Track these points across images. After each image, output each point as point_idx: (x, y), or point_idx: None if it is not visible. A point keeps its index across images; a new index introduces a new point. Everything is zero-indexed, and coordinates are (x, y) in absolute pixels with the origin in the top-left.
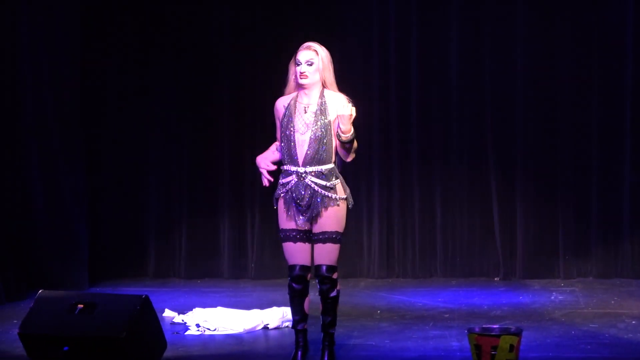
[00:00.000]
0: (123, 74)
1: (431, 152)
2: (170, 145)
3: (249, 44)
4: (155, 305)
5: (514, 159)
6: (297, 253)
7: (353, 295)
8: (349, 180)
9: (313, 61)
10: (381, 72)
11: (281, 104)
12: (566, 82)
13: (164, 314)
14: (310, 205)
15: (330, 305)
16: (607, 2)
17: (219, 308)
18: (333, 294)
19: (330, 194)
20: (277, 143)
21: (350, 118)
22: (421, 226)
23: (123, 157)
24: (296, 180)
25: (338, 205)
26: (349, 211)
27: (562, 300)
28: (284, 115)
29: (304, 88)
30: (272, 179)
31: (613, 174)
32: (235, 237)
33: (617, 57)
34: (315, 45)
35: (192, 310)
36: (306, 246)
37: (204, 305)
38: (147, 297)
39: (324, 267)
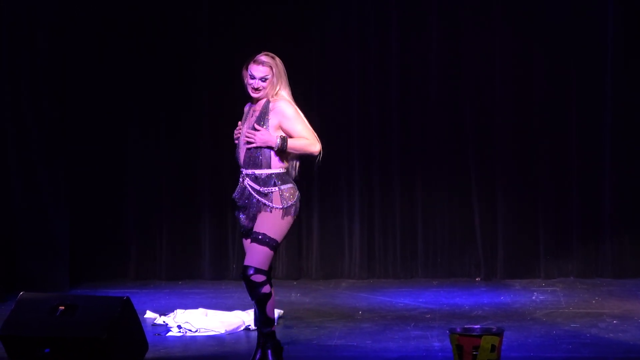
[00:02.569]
0: (102, 74)
1: (412, 152)
2: (151, 146)
3: (228, 44)
4: (136, 307)
5: (494, 160)
6: (246, 250)
7: (334, 296)
8: (329, 179)
9: (267, 77)
10: (361, 75)
11: (246, 106)
12: (545, 84)
13: (145, 316)
14: (247, 206)
15: (255, 304)
16: (586, 4)
17: (201, 309)
18: (255, 295)
19: (264, 200)
20: None
21: (258, 139)
22: (402, 226)
23: (103, 157)
24: (240, 180)
25: (270, 212)
26: (290, 221)
27: (544, 300)
28: (243, 117)
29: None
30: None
31: (593, 174)
32: (216, 238)
33: (596, 58)
34: (268, 60)
35: (173, 311)
36: None
37: (186, 306)
38: (128, 299)
39: (244, 267)
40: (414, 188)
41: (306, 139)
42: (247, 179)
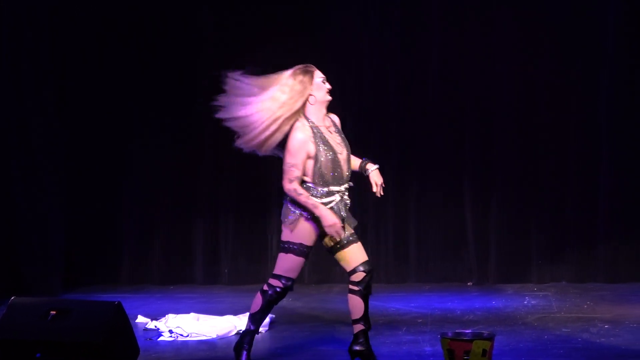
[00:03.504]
0: (102, 78)
1: (405, 156)
2: (146, 152)
3: (229, 44)
4: (128, 311)
5: (488, 164)
6: (299, 269)
7: (326, 300)
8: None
9: None
10: (357, 80)
11: (302, 134)
12: (542, 89)
13: (136, 320)
14: (349, 217)
15: (367, 300)
16: (587, 7)
17: (192, 314)
18: (371, 290)
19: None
20: (302, 190)
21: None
22: (394, 231)
23: (98, 162)
24: (339, 199)
25: None
26: None
27: (535, 305)
28: (315, 140)
29: (327, 104)
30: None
31: (587, 179)
32: (209, 243)
33: (594, 64)
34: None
35: (165, 316)
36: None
37: (177, 311)
38: (119, 304)
39: (368, 263)
40: (407, 192)
41: None
42: (347, 192)
